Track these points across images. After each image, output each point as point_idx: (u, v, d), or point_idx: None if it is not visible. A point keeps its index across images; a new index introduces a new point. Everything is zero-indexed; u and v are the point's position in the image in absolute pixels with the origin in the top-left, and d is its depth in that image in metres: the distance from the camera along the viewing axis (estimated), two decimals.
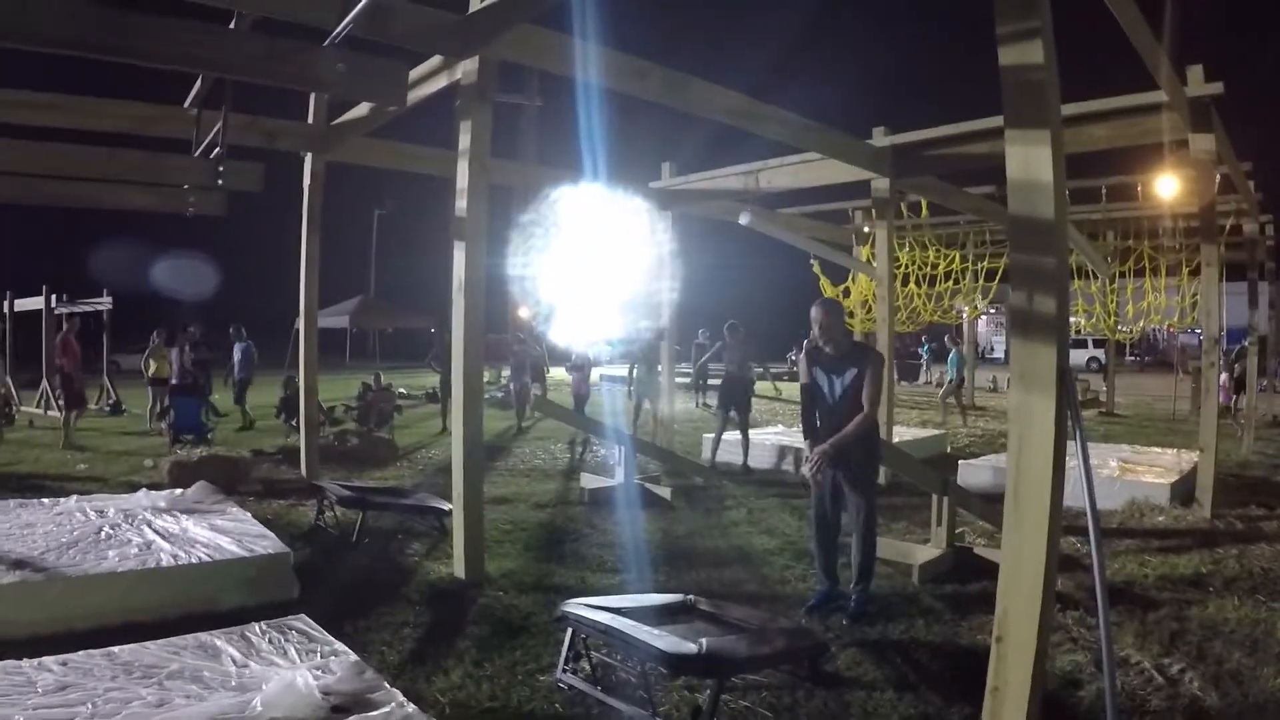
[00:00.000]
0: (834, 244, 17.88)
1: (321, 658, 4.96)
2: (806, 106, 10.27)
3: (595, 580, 7.39)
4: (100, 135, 10.24)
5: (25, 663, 4.73)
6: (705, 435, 14.39)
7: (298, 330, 12.57)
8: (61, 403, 13.09)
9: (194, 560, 6.70)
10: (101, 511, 8.17)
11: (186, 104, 9.03)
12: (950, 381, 20.79)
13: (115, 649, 4.96)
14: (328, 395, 17.81)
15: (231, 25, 7.08)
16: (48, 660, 4.78)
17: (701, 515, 10.10)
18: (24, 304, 23.04)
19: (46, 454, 13.53)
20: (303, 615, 5.61)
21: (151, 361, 18.16)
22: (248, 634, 5.25)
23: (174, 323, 19.44)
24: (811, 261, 19.91)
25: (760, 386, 22.38)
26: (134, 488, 10.00)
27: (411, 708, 4.32)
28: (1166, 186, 14.20)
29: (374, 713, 4.20)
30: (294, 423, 15.29)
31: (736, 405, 13.50)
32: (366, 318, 36.21)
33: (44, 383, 20.35)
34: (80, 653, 4.91)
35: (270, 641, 5.17)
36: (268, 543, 7.20)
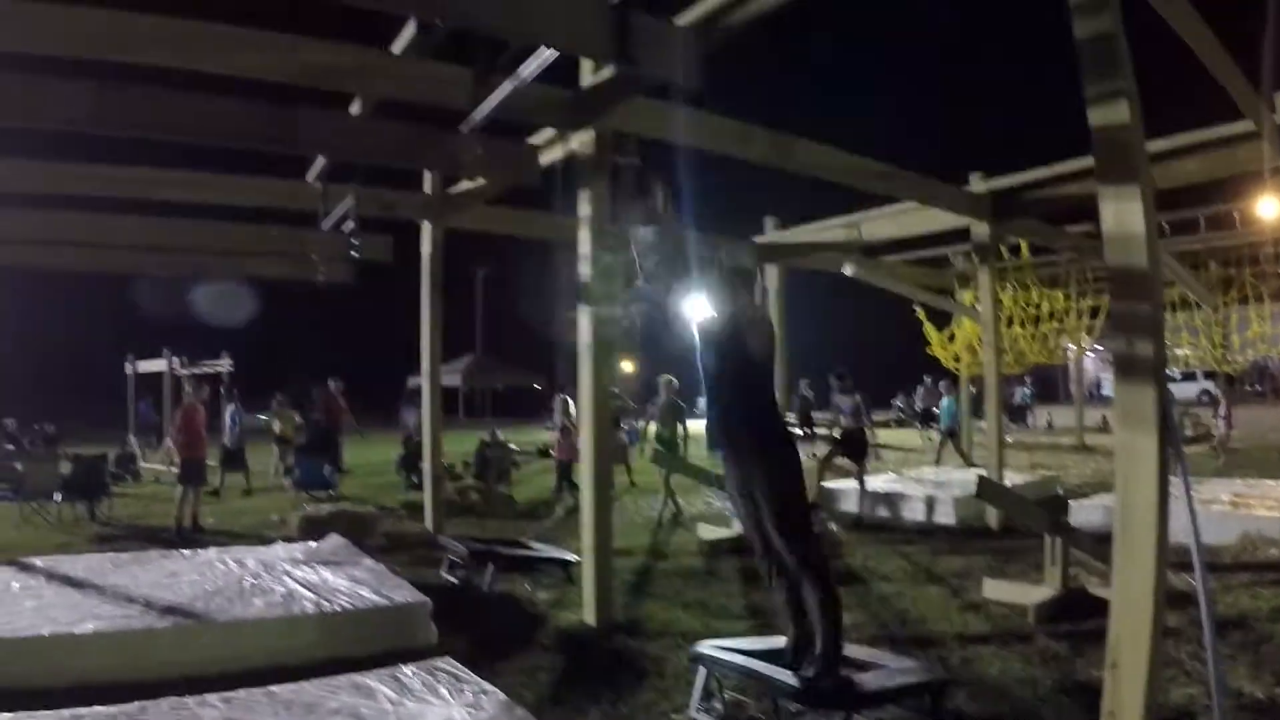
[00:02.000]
0: (936, 289, 17.89)
1: (472, 696, 5.30)
2: (903, 152, 10.46)
3: (720, 626, 7.55)
4: (223, 209, 10.91)
5: (190, 699, 5.14)
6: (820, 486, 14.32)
7: (411, 389, 12.94)
8: (177, 473, 13.63)
9: (336, 608, 7.07)
10: (241, 562, 8.61)
11: (311, 178, 9.60)
12: (943, 432, 20.18)
13: (274, 688, 5.36)
14: (445, 451, 18.24)
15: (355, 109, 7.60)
16: (211, 698, 5.19)
17: None
18: (147, 365, 24.07)
19: (174, 508, 14.07)
20: (448, 658, 5.95)
21: (276, 420, 18.89)
22: (398, 675, 5.61)
23: (294, 383, 20.24)
24: (915, 308, 19.87)
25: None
26: (263, 541, 10.60)
27: None
28: (1267, 209, 13.97)
29: None
30: (414, 479, 15.79)
31: (853, 455, 13.57)
32: (477, 376, 36.86)
33: (166, 440, 21.24)
34: (242, 691, 5.32)
35: (421, 682, 5.51)
36: (405, 592, 7.54)
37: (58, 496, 13.99)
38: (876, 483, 14.62)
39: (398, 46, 7.13)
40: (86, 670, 6.06)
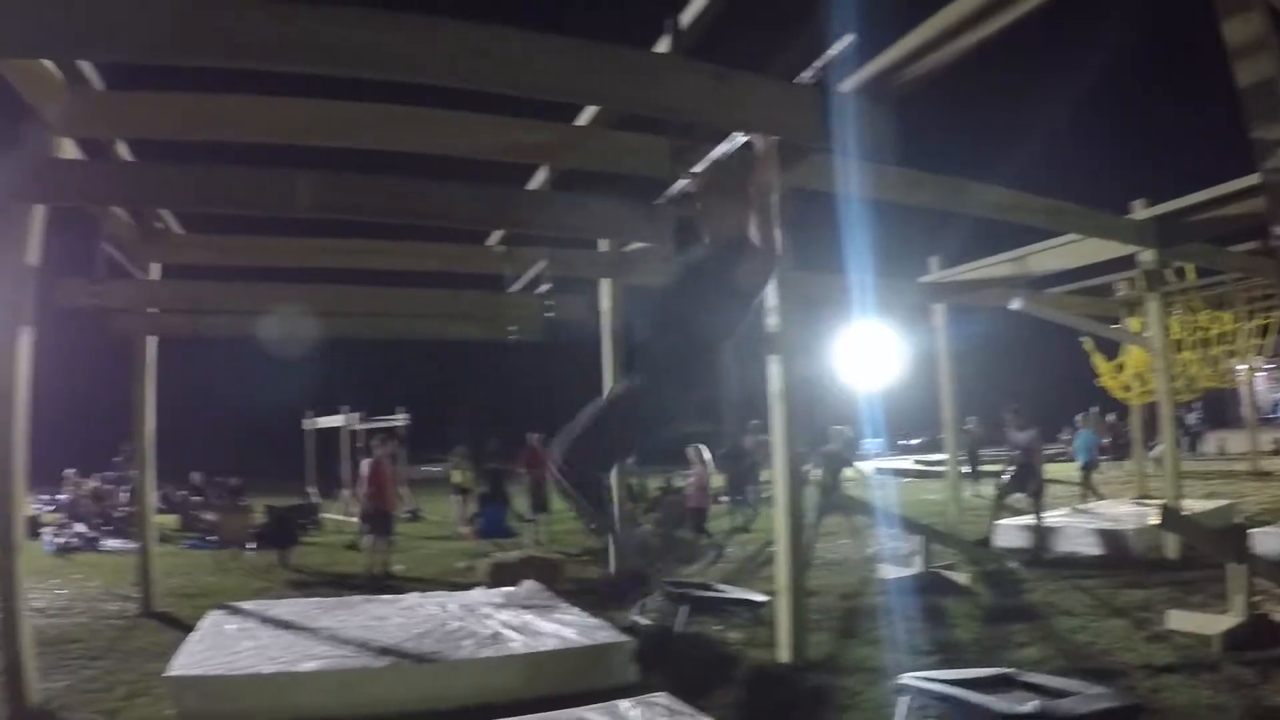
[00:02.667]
0: (1101, 318, 17.64)
1: None
2: (1061, 183, 10.46)
3: (910, 661, 7.59)
4: (408, 275, 11.57)
5: None
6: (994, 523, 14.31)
7: None
8: (367, 527, 14.34)
9: (543, 648, 7.39)
10: (443, 606, 9.04)
11: (492, 242, 10.12)
12: (1081, 468, 19.40)
13: None
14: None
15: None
16: None
17: (1000, 598, 10.29)
18: (325, 422, 25.12)
19: (360, 556, 14.73)
20: (664, 693, 6.21)
21: (455, 472, 19.56)
22: (618, 709, 5.89)
23: (471, 436, 20.95)
24: (1081, 339, 19.59)
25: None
26: (451, 586, 11.14)
27: None
28: None
29: None
30: (593, 526, 16.17)
31: (1028, 490, 13.55)
32: None
33: (344, 491, 22.28)
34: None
35: (639, 714, 5.79)
36: (607, 633, 7.82)
37: (251, 545, 14.78)
38: (1052, 518, 14.44)
39: (584, 119, 7.55)
40: (306, 706, 6.56)
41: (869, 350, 11.74)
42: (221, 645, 7.55)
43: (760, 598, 9.23)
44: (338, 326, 12.84)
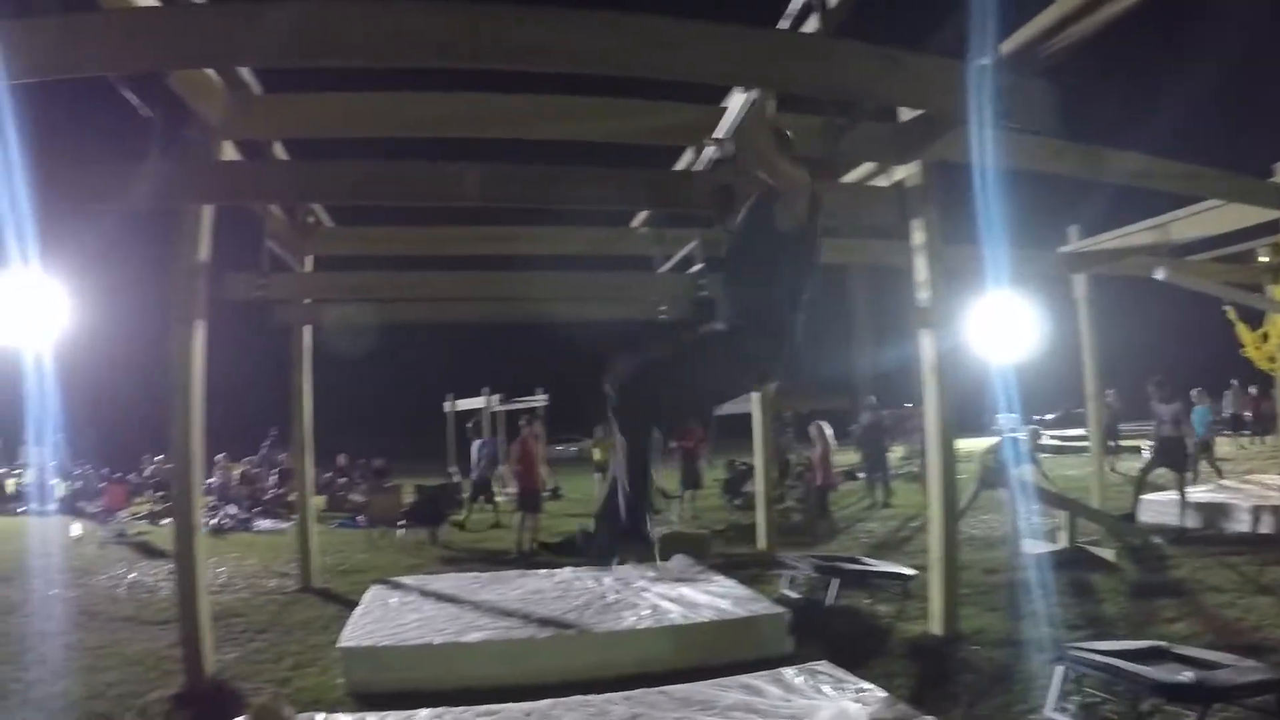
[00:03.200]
0: (1246, 286, 17.11)
1: (855, 694, 5.68)
2: (1203, 148, 10.25)
3: (1060, 635, 7.60)
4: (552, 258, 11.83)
5: (595, 697, 5.70)
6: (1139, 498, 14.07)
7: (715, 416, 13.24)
8: (515, 503, 14.78)
9: (702, 620, 7.55)
10: (598, 580, 9.27)
11: (636, 224, 10.29)
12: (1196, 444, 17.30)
13: (667, 688, 5.88)
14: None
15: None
16: (613, 696, 5.72)
17: (1146, 574, 10.21)
18: (466, 403, 25.69)
19: (508, 533, 15.19)
20: (824, 661, 6.35)
21: (596, 450, 19.95)
22: (781, 676, 6.04)
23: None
24: (1224, 308, 19.00)
25: None
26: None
27: None
28: None
29: None
30: (737, 502, 16.38)
31: (1174, 465, 13.36)
32: (782, 399, 37.30)
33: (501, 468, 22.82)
34: (638, 690, 5.84)
35: (804, 681, 5.93)
36: (761, 605, 7.99)
37: (401, 524, 15.27)
38: (1197, 493, 14.19)
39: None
40: (472, 675, 6.77)
41: (1005, 323, 11.61)
42: (387, 618, 7.86)
43: (909, 571, 9.36)
44: (486, 311, 13.23)
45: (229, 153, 7.72)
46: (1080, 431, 26.66)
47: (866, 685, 5.90)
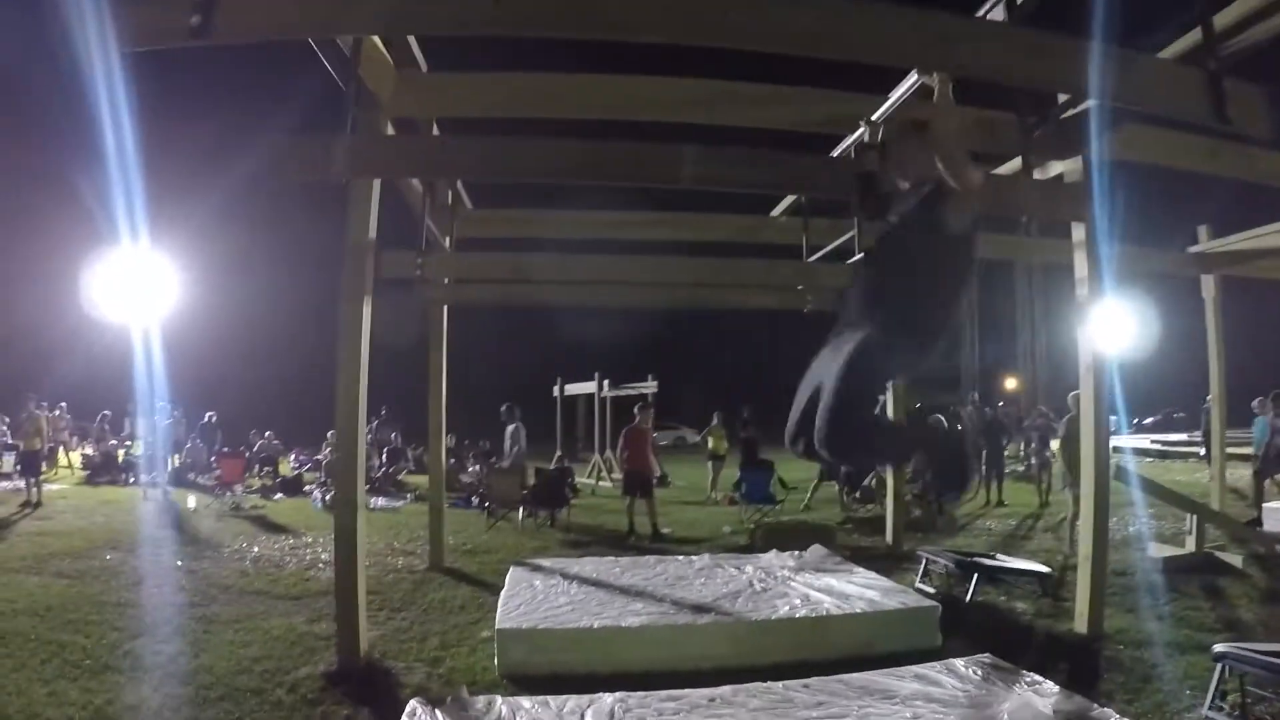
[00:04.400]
0: None
1: (1026, 686, 5.77)
2: None
3: (1202, 637, 7.61)
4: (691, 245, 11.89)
5: (775, 684, 5.85)
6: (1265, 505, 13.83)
7: None
8: (622, 489, 15.02)
9: (857, 610, 7.64)
10: (739, 568, 9.36)
11: (777, 213, 10.34)
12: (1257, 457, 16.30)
13: (845, 676, 6.01)
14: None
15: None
16: (792, 683, 5.84)
17: (1276, 582, 10.12)
18: (575, 388, 25.98)
19: (619, 519, 15.33)
20: (988, 654, 6.46)
21: (709, 438, 20.08)
22: (952, 667, 6.17)
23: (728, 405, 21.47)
24: None
25: None
26: (722, 548, 11.66)
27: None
28: None
29: None
30: (855, 495, 16.44)
31: None
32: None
33: (596, 455, 23.61)
34: (814, 679, 5.96)
35: (974, 673, 6.04)
36: (911, 598, 8.09)
37: (522, 506, 15.46)
38: None
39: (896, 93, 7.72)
40: (627, 659, 6.86)
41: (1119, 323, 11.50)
42: (536, 601, 7.98)
43: (1045, 570, 9.41)
44: (628, 297, 13.33)
45: (396, 130, 7.85)
46: (1182, 436, 26.22)
47: (1036, 678, 5.99)
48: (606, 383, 25.54)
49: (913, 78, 4.86)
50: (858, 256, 10.04)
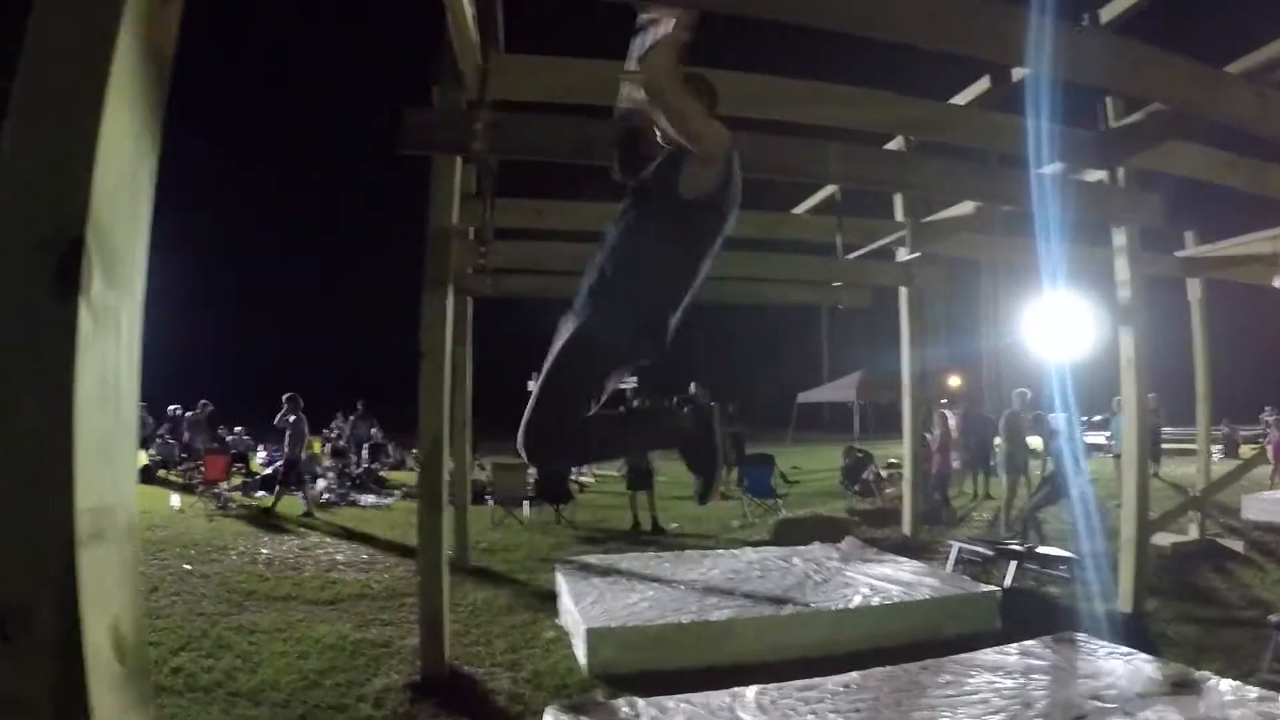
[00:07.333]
0: None
1: (1121, 657, 6.20)
2: None
3: (1235, 612, 8.24)
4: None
5: (897, 669, 6.10)
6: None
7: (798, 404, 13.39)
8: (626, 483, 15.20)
9: (924, 597, 7.97)
10: (787, 560, 9.62)
11: (801, 210, 10.60)
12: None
13: (958, 656, 6.36)
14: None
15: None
16: (910, 666, 6.15)
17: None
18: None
19: (626, 513, 15.43)
20: (1075, 633, 6.81)
21: None
22: (1048, 644, 6.55)
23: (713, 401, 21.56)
24: None
25: None
26: (736, 543, 12.00)
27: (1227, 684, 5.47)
28: None
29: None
30: (855, 488, 16.73)
31: None
32: (870, 391, 37.60)
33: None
34: (930, 660, 6.28)
35: (1070, 649, 6.44)
36: (969, 583, 8.50)
37: (526, 502, 15.67)
38: None
39: (962, 99, 8.02)
40: (716, 653, 7.00)
41: (1068, 322, 11.86)
42: (608, 599, 7.96)
43: (1073, 555, 9.82)
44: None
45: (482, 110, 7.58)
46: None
47: (1131, 650, 6.36)
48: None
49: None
50: (913, 255, 10.35)
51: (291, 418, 17.03)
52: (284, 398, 17.11)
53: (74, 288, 1.47)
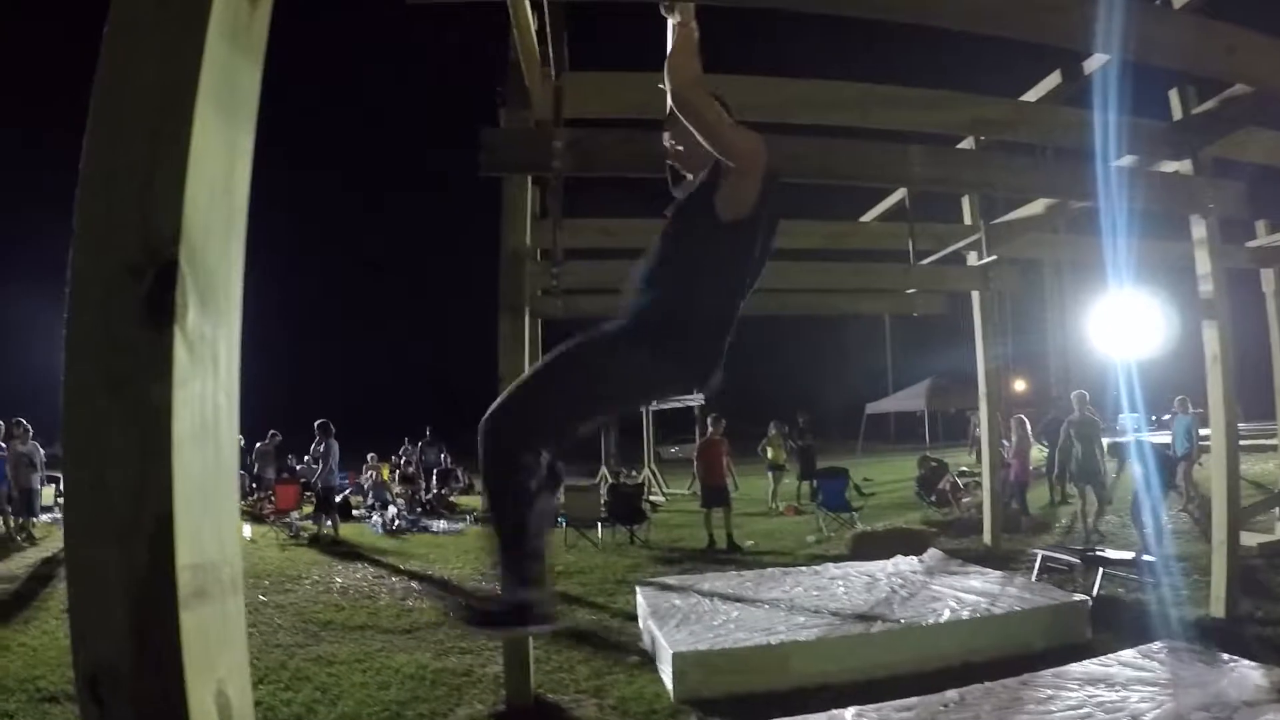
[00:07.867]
0: None
1: (1231, 667, 6.01)
2: None
3: None
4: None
5: (994, 684, 5.97)
6: None
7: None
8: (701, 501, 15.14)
9: (1015, 610, 7.79)
10: (872, 575, 9.47)
11: (870, 218, 10.44)
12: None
13: (1060, 668, 6.24)
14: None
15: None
16: (1009, 681, 6.01)
17: None
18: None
19: (701, 530, 15.31)
20: (1172, 641, 6.69)
21: (768, 448, 20.19)
22: (1148, 653, 6.43)
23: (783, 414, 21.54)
24: None
25: None
26: (814, 559, 11.71)
27: None
28: None
29: None
30: (931, 498, 16.52)
31: None
32: (940, 399, 37.43)
33: (645, 469, 24.05)
34: (1024, 674, 6.14)
35: (1177, 658, 6.30)
36: (1057, 593, 8.32)
37: (599, 523, 15.48)
38: None
39: (1033, 95, 7.84)
40: (805, 674, 6.86)
41: (1137, 320, 11.60)
42: (692, 622, 7.85)
43: (1155, 559, 9.63)
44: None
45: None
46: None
47: (1229, 657, 6.21)
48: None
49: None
50: (991, 259, 10.18)
51: (322, 446, 17.05)
52: (316, 425, 17.11)
53: (168, 316, 1.29)
